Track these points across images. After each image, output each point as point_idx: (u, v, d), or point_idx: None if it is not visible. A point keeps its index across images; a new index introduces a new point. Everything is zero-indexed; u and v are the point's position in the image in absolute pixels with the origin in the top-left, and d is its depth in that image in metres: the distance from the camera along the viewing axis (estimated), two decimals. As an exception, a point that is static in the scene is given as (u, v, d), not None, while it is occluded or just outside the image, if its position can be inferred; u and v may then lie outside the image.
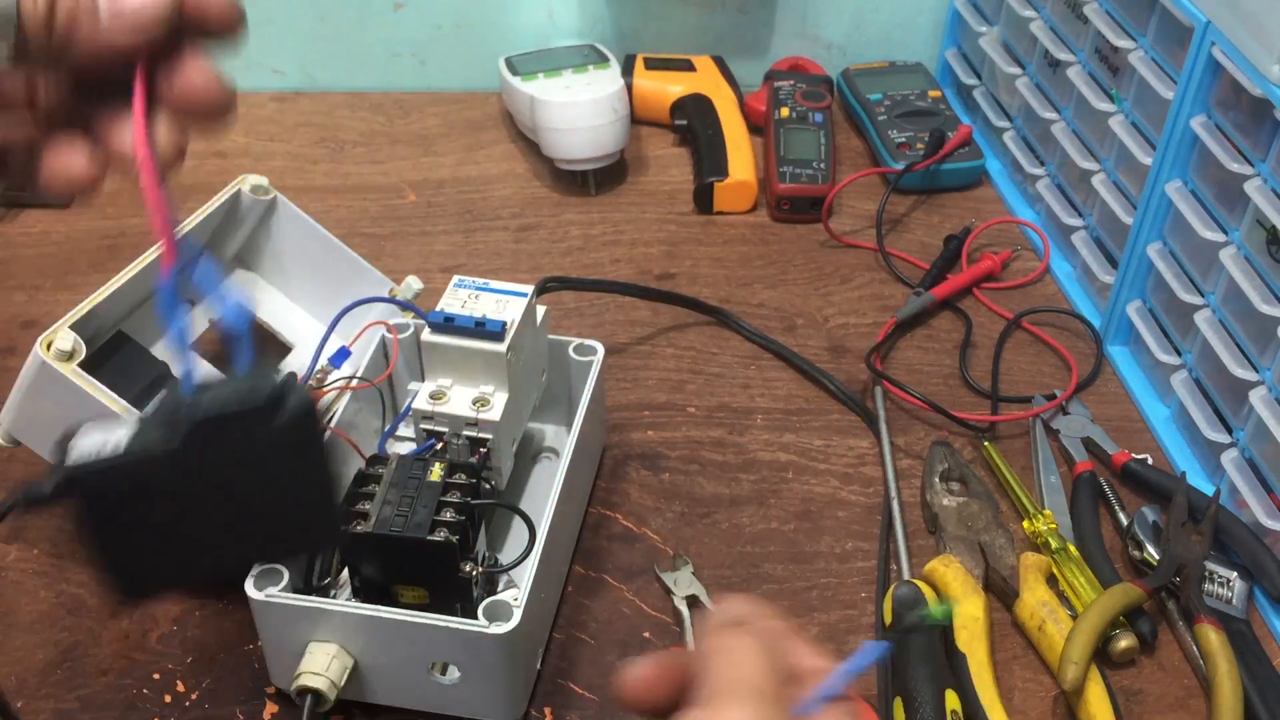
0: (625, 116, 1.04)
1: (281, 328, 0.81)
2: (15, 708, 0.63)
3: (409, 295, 0.78)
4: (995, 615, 0.69)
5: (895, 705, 0.63)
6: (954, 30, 1.19)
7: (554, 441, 0.78)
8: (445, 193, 1.05)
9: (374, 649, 0.61)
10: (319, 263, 0.79)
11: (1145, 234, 0.83)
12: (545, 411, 0.78)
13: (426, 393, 0.67)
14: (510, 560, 0.63)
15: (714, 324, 0.91)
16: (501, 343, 0.66)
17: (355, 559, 0.62)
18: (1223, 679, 0.63)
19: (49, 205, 1.01)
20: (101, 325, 0.70)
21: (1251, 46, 0.69)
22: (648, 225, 1.02)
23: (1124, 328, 0.88)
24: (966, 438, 0.82)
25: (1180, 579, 0.69)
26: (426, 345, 0.67)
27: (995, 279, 0.96)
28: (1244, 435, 0.74)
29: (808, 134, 1.07)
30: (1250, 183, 0.71)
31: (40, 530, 0.73)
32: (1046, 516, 0.73)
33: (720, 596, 0.70)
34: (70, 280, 0.91)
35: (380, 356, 0.73)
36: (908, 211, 1.05)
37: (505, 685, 0.61)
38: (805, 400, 0.85)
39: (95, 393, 0.62)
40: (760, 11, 1.21)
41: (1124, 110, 0.87)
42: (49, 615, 0.68)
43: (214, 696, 0.64)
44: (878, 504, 0.77)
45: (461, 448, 0.67)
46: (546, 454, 0.78)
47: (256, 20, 1.33)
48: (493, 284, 0.69)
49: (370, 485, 0.63)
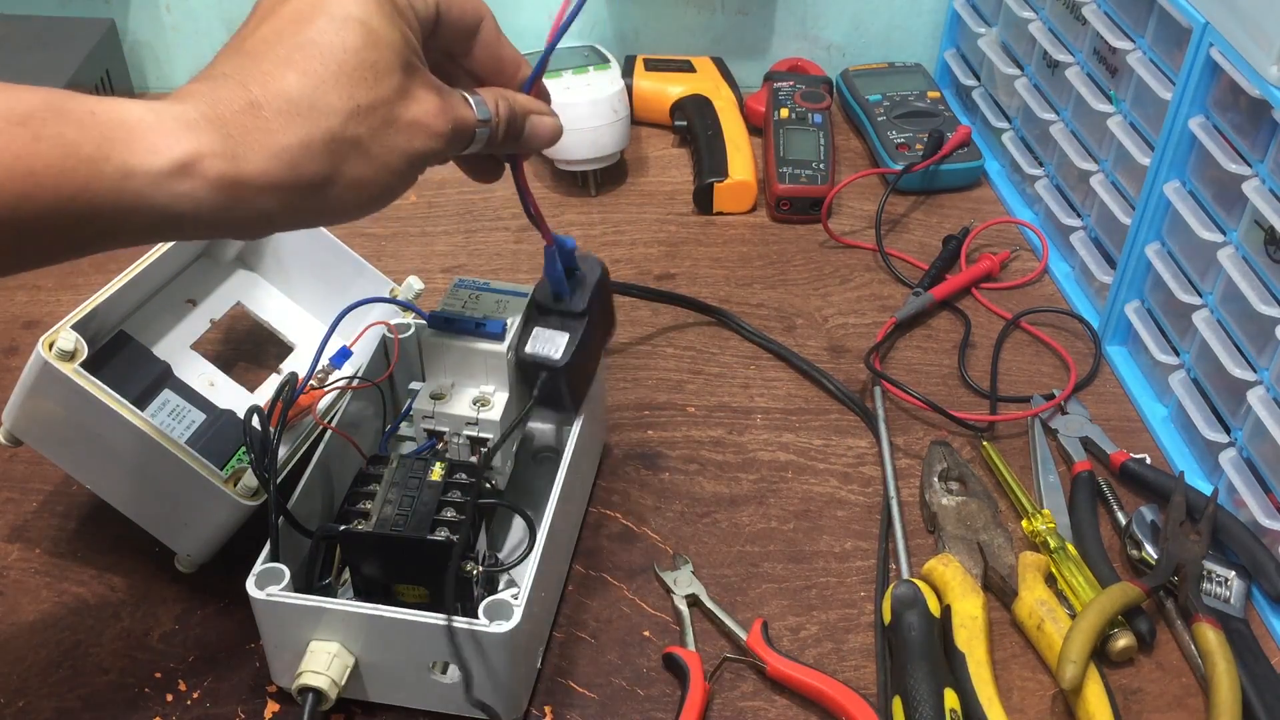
0: (625, 117, 1.04)
1: (283, 328, 0.81)
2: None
3: (410, 295, 0.78)
4: (994, 614, 0.69)
5: (894, 704, 0.63)
6: (953, 31, 1.19)
7: (553, 441, 0.78)
8: (446, 193, 1.05)
9: (375, 648, 0.61)
10: (320, 263, 0.80)
11: (1143, 234, 0.83)
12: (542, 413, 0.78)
13: (427, 392, 0.68)
14: (511, 560, 0.63)
15: (714, 324, 0.91)
16: (502, 343, 0.66)
17: (356, 558, 0.62)
18: (1221, 678, 0.64)
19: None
20: (103, 325, 0.70)
21: (1250, 47, 0.69)
22: (648, 226, 1.02)
23: (1122, 328, 0.88)
24: (965, 437, 0.82)
25: (1178, 578, 0.69)
26: (427, 345, 0.67)
27: (994, 279, 0.97)
28: (1242, 435, 0.74)
29: (807, 135, 1.07)
30: (1248, 183, 0.72)
31: (42, 529, 0.73)
32: (1045, 516, 0.73)
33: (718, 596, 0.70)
34: (72, 280, 0.91)
35: (381, 356, 0.73)
36: (907, 212, 1.05)
37: (506, 684, 0.61)
38: (805, 400, 0.85)
39: (97, 393, 0.62)
40: (760, 12, 1.21)
41: (1122, 111, 0.88)
42: (51, 614, 0.68)
43: (215, 695, 0.65)
44: (877, 503, 0.77)
45: (462, 447, 0.68)
46: (546, 454, 0.78)
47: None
48: (493, 284, 0.70)
49: (371, 485, 0.63)
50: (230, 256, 0.80)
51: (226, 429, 0.73)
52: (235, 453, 0.72)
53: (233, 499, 0.64)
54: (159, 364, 0.74)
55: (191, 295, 0.78)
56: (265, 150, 0.45)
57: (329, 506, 0.68)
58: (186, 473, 0.64)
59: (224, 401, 0.75)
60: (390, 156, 0.49)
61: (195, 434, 0.72)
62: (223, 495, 0.64)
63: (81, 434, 0.65)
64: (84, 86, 1.05)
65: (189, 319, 0.77)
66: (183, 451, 0.64)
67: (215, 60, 0.48)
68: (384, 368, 0.72)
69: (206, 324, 0.78)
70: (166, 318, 0.76)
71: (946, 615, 0.67)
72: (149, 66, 1.19)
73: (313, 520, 0.65)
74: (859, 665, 0.67)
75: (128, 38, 1.17)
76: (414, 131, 0.49)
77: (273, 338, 0.81)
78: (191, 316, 0.78)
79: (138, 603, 0.69)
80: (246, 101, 0.45)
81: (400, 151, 0.49)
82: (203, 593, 0.69)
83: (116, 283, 0.69)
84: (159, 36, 1.17)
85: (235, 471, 0.65)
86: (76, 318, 0.65)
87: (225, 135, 0.44)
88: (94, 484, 0.67)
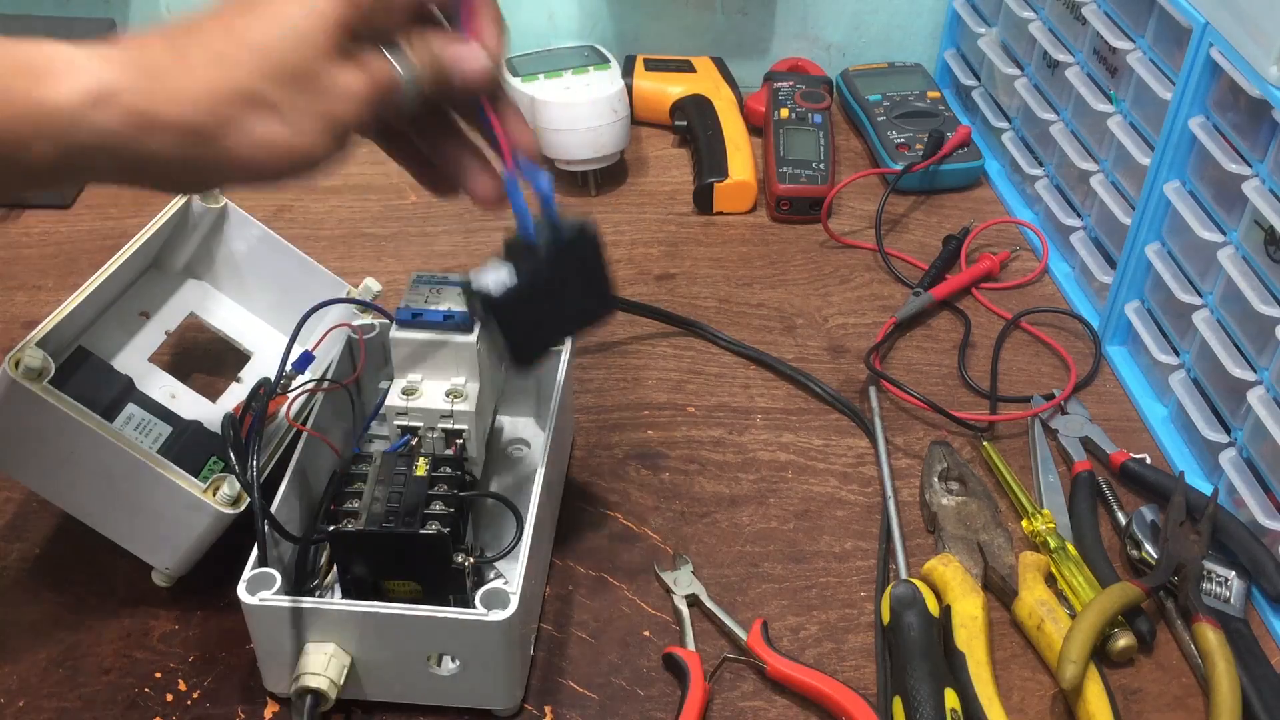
0: (625, 117, 1.04)
1: (238, 336, 0.80)
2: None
3: (368, 298, 0.78)
4: (994, 614, 0.69)
5: (895, 704, 0.63)
6: (953, 31, 1.20)
7: (523, 433, 0.79)
8: (445, 193, 1.05)
9: (372, 645, 0.61)
10: (272, 268, 0.79)
11: (1143, 234, 0.83)
12: (510, 404, 0.79)
13: (398, 389, 0.68)
14: (497, 550, 0.64)
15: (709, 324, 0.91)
16: (471, 334, 0.66)
17: (347, 557, 0.62)
18: (1221, 678, 0.64)
19: (50, 206, 1.02)
20: (61, 341, 0.69)
21: (1250, 47, 0.69)
22: (648, 226, 1.02)
23: (1122, 328, 0.88)
24: (965, 437, 0.82)
25: (1178, 578, 0.69)
26: (395, 342, 0.67)
27: (994, 279, 0.97)
28: (1242, 435, 0.74)
29: (807, 135, 1.07)
30: (1248, 183, 0.72)
31: (42, 529, 0.73)
32: (1045, 516, 0.73)
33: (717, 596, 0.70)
34: (72, 281, 0.91)
35: (347, 358, 0.73)
36: (907, 212, 1.05)
37: (504, 673, 0.61)
38: (805, 400, 0.85)
39: (68, 409, 0.61)
40: (760, 12, 1.21)
41: (1122, 111, 0.88)
42: (51, 614, 0.68)
43: (215, 695, 0.65)
44: (877, 503, 0.77)
45: (436, 441, 0.68)
46: (515, 446, 0.78)
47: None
48: (451, 277, 0.70)
49: (356, 484, 0.63)
50: (179, 267, 0.80)
51: (195, 440, 0.73)
52: (207, 463, 0.72)
53: (214, 509, 0.64)
54: (121, 378, 0.73)
55: (144, 308, 0.77)
56: (178, 91, 0.47)
57: (308, 509, 0.68)
58: (165, 485, 0.63)
59: (188, 413, 0.75)
60: (306, 120, 0.49)
61: (164, 446, 0.72)
62: (203, 506, 0.64)
63: (53, 452, 0.64)
64: (84, 86, 1.05)
65: (144, 332, 0.77)
66: (160, 464, 0.63)
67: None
68: (350, 369, 0.72)
69: (162, 336, 0.77)
70: (121, 332, 0.75)
71: (946, 615, 0.67)
72: (149, 66, 1.19)
73: (293, 524, 0.65)
74: (859, 665, 0.67)
75: (128, 38, 1.17)
76: (334, 97, 0.49)
77: (229, 346, 0.80)
78: (146, 329, 0.77)
79: (138, 603, 0.69)
80: (170, 48, 0.47)
81: (318, 115, 0.49)
82: (202, 593, 0.69)
83: (76, 297, 0.67)
84: (159, 36, 1.17)
85: (214, 481, 0.65)
86: (40, 335, 0.64)
87: (143, 73, 0.46)
88: (66, 502, 0.66)
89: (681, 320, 0.91)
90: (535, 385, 0.78)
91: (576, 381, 0.85)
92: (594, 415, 0.83)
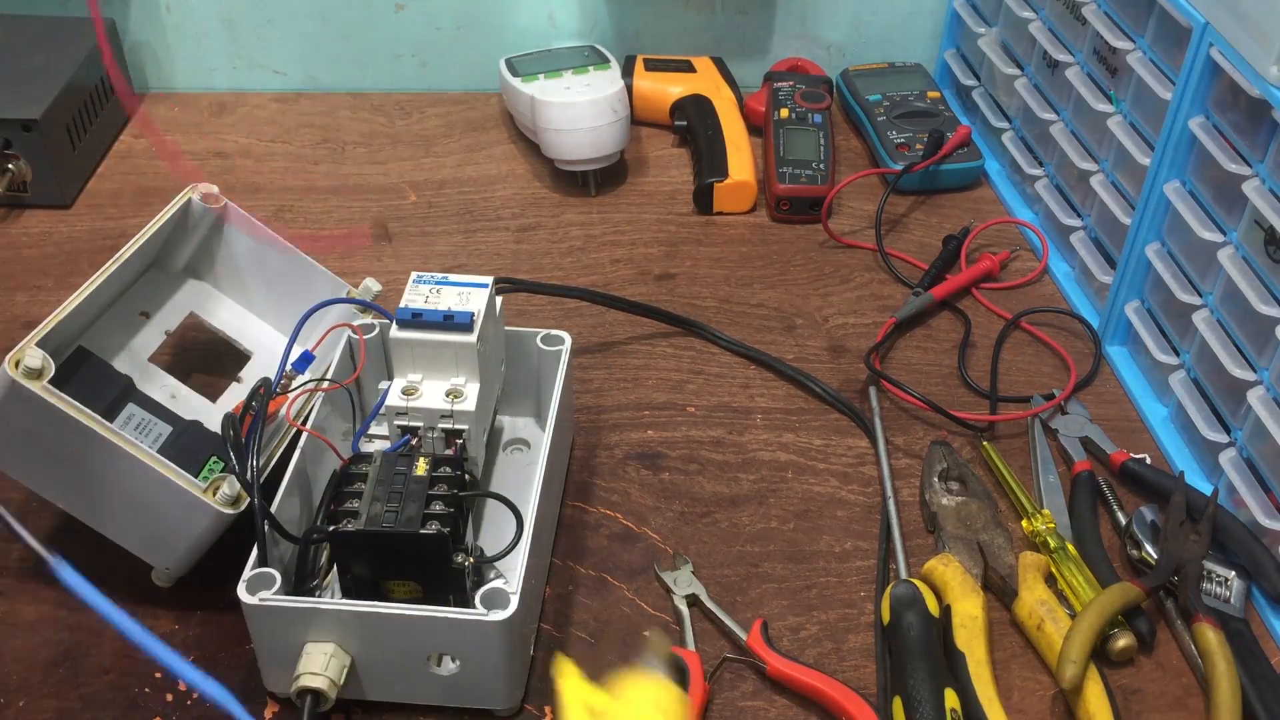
0: (625, 117, 1.04)
1: (238, 336, 0.80)
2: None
3: (369, 298, 0.78)
4: (994, 614, 0.69)
5: (895, 704, 0.63)
6: (953, 31, 1.19)
7: (522, 433, 0.79)
8: (446, 193, 1.05)
9: (372, 645, 0.61)
10: (273, 268, 0.79)
11: (1143, 234, 0.83)
12: (510, 404, 0.78)
13: (398, 389, 0.68)
14: (496, 550, 0.64)
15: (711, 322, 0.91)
16: (471, 334, 0.66)
17: (347, 557, 0.62)
18: (1221, 678, 0.64)
19: (50, 206, 1.01)
20: (61, 341, 0.69)
21: (1250, 47, 0.69)
22: (648, 226, 1.02)
23: (1122, 328, 0.88)
24: (965, 437, 0.82)
25: (1178, 578, 0.69)
26: (395, 342, 0.67)
27: (994, 279, 0.97)
28: (1242, 435, 0.74)
29: (807, 135, 1.07)
30: (1248, 183, 0.72)
31: (42, 529, 0.73)
32: (1045, 516, 0.73)
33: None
34: (72, 280, 0.91)
35: (347, 358, 0.73)
36: (907, 212, 1.05)
37: (504, 673, 0.61)
38: (805, 400, 0.85)
39: (68, 409, 0.61)
40: (760, 12, 1.21)
41: (1122, 111, 0.88)
42: (51, 614, 0.68)
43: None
44: (877, 503, 0.77)
45: (436, 440, 0.68)
46: (515, 445, 0.78)
47: (258, 21, 1.34)
48: (451, 277, 0.70)
49: (357, 484, 0.63)
50: (179, 267, 0.80)
51: (195, 440, 0.73)
52: (206, 463, 0.72)
53: (214, 509, 0.64)
54: (121, 378, 0.73)
55: (144, 308, 0.78)
56: None
57: (307, 509, 0.68)
58: (166, 485, 0.63)
59: (188, 413, 0.75)
60: None
61: (164, 446, 0.72)
62: (203, 506, 0.64)
63: (52, 452, 0.64)
64: (84, 86, 1.05)
65: (144, 332, 0.77)
66: (161, 464, 0.63)
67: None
68: (350, 369, 0.72)
69: (162, 336, 0.77)
70: (121, 332, 0.76)
71: (946, 615, 0.67)
72: (149, 66, 1.19)
73: (293, 524, 0.65)
74: (859, 665, 0.67)
75: (128, 38, 1.17)
76: None
77: (229, 346, 0.81)
78: (146, 329, 0.77)
79: (138, 603, 0.69)
80: None
81: None
82: (202, 593, 0.69)
83: (76, 297, 0.67)
84: (159, 36, 1.17)
85: (214, 481, 0.65)
86: (40, 335, 0.64)
87: None
88: (66, 502, 0.66)
89: (681, 320, 0.91)
90: (535, 385, 0.78)
91: (576, 381, 0.85)
92: (594, 415, 0.83)
